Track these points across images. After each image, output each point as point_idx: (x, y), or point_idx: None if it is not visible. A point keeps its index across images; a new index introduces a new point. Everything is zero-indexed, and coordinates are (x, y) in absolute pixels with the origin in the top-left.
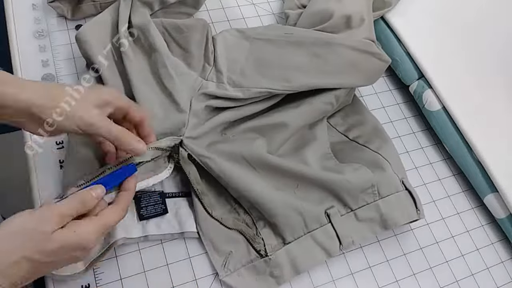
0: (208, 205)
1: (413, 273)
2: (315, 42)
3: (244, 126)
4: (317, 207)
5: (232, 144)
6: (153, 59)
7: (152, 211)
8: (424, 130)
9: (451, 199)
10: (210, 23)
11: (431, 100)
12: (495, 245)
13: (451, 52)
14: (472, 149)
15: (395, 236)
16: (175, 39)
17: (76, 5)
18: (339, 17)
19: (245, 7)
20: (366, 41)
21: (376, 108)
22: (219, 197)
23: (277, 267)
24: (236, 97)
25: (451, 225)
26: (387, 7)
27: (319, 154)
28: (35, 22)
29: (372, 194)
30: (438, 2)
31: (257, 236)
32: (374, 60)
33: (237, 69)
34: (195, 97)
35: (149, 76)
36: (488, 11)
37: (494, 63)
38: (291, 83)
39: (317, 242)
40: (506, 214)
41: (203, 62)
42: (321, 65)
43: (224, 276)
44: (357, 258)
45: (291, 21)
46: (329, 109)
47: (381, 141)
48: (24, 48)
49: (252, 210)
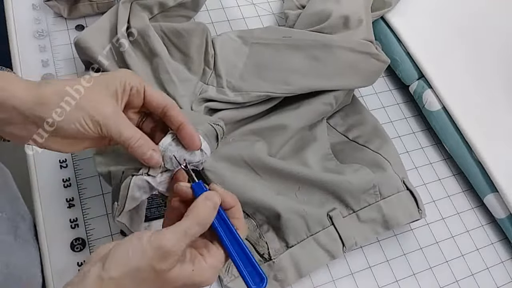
0: None
1: (413, 273)
2: (313, 45)
3: (244, 129)
4: (319, 210)
5: (233, 148)
6: (155, 64)
7: (156, 213)
8: (424, 130)
9: (451, 199)
10: (210, 23)
11: (431, 100)
12: (495, 245)
13: (451, 52)
14: (472, 149)
15: (395, 236)
16: (175, 43)
17: (73, 4)
18: (337, 18)
19: (245, 7)
20: (364, 42)
21: (376, 108)
22: None
23: (281, 271)
24: (236, 101)
25: (451, 225)
26: (387, 7)
27: (320, 155)
28: (35, 22)
29: (373, 194)
30: (438, 2)
31: (261, 240)
32: (372, 61)
33: (236, 74)
34: (195, 102)
35: (151, 81)
36: (488, 11)
37: (494, 63)
38: (291, 86)
39: (320, 245)
40: (506, 214)
41: (203, 65)
42: (320, 67)
43: (229, 281)
44: (357, 258)
45: (290, 21)
46: (328, 110)
47: (381, 141)
48: (24, 48)
49: (255, 215)
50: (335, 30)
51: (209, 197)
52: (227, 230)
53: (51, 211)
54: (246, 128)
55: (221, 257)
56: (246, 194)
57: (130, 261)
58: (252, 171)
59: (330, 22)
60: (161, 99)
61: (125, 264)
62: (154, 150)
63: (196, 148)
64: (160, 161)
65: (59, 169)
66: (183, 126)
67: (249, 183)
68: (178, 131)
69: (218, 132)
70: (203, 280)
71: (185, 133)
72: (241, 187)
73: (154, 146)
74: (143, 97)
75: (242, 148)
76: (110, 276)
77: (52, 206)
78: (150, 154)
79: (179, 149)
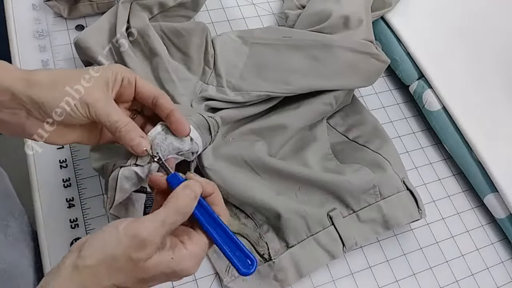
0: None
1: (413, 273)
2: (313, 45)
3: (244, 128)
4: (319, 210)
5: (233, 148)
6: (154, 64)
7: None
8: (424, 130)
9: (451, 199)
10: (210, 23)
11: (431, 100)
12: (495, 245)
13: (451, 52)
14: (472, 149)
15: (395, 236)
16: (175, 43)
17: (73, 4)
18: (337, 18)
19: (245, 7)
20: (364, 42)
21: (376, 108)
22: None
23: (281, 271)
24: (236, 100)
25: (451, 225)
26: (387, 7)
27: (320, 155)
28: (35, 22)
29: (373, 195)
30: (438, 2)
31: (261, 240)
32: (372, 61)
33: (236, 74)
34: (195, 100)
35: (150, 80)
36: (488, 11)
37: (494, 63)
38: (291, 86)
39: (320, 245)
40: (506, 214)
41: (203, 65)
42: (320, 67)
43: (229, 281)
44: (357, 258)
45: (290, 21)
46: (328, 110)
47: (381, 141)
48: (24, 48)
49: (255, 215)
50: (335, 30)
51: (189, 186)
52: (209, 217)
53: (51, 211)
54: (246, 127)
55: (203, 244)
56: (246, 194)
57: (105, 250)
58: (252, 171)
59: (330, 22)
60: (152, 89)
61: (101, 252)
62: (142, 137)
63: (185, 133)
64: (148, 148)
65: (59, 169)
66: (172, 113)
67: (249, 183)
68: (168, 119)
69: (211, 124)
70: (184, 268)
71: (174, 119)
72: (241, 187)
73: (142, 133)
74: (134, 88)
75: (242, 148)
76: (85, 264)
77: (52, 206)
78: (139, 140)
79: (169, 136)
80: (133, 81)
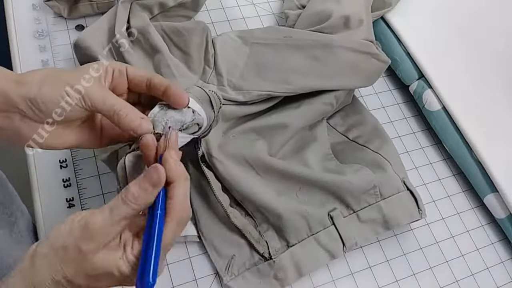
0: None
1: (413, 273)
2: (314, 45)
3: (245, 126)
4: (320, 210)
5: (234, 146)
6: (156, 60)
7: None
8: (424, 130)
9: (451, 199)
10: (210, 23)
11: (431, 100)
12: (495, 245)
13: (451, 52)
14: (472, 149)
15: (395, 236)
16: (175, 42)
17: (73, 4)
18: (338, 18)
19: (245, 7)
20: (365, 42)
21: (376, 108)
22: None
23: (281, 270)
24: (237, 99)
25: (451, 225)
26: (387, 7)
27: (320, 155)
28: (35, 22)
29: (374, 195)
30: (438, 2)
31: (261, 239)
32: (373, 61)
33: (236, 73)
34: None
35: None
36: (488, 11)
37: (494, 63)
38: (291, 85)
39: (320, 245)
40: (506, 214)
41: (204, 65)
42: (321, 67)
43: (229, 280)
44: (357, 258)
45: (290, 21)
46: (329, 110)
47: (381, 141)
48: (24, 48)
49: (255, 213)
50: (336, 30)
51: (148, 175)
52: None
53: (51, 211)
54: (247, 125)
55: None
56: (248, 192)
57: (58, 239)
58: (253, 171)
59: (331, 22)
60: (143, 73)
61: (55, 241)
62: (143, 118)
63: (184, 104)
64: (150, 127)
65: (59, 169)
66: (168, 87)
67: (251, 182)
68: (164, 94)
69: (211, 98)
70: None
71: (170, 92)
72: (243, 185)
73: (142, 115)
74: (126, 78)
75: (243, 147)
76: (42, 252)
77: (52, 206)
78: (139, 122)
79: (169, 111)
80: (123, 70)
